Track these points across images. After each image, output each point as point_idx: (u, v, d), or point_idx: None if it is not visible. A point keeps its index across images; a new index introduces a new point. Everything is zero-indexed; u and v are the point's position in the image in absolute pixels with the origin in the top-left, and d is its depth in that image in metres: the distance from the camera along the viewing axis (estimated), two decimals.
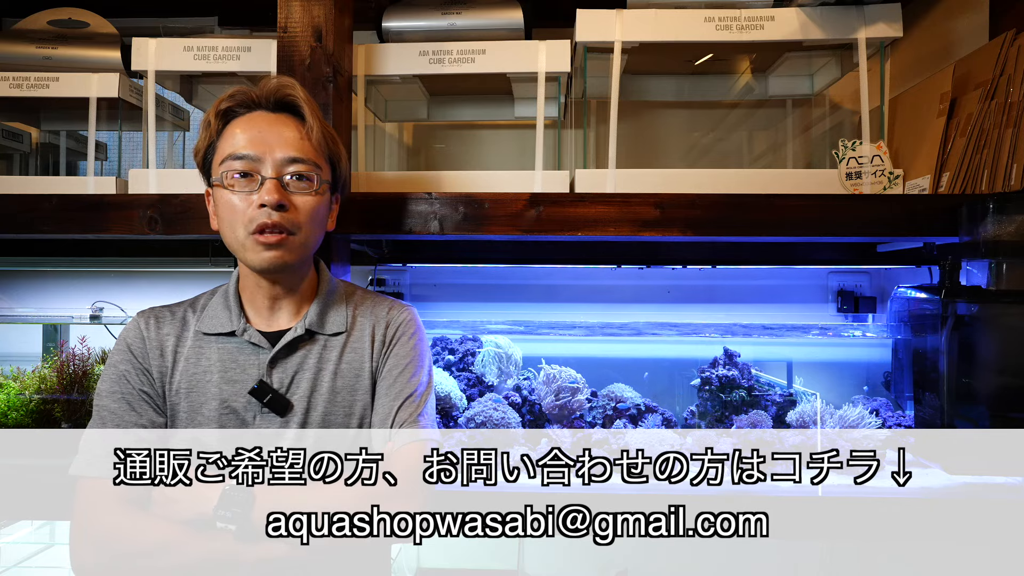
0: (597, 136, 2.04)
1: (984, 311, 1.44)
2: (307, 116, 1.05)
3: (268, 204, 1.00)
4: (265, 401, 1.03)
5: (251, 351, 1.06)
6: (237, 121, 1.04)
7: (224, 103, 1.05)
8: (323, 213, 1.08)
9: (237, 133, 1.03)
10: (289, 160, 1.03)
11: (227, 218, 1.03)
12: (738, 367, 1.73)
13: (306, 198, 1.04)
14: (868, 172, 1.53)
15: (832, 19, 1.56)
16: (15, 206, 1.52)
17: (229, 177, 1.02)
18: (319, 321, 1.09)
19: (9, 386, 1.65)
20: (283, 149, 1.02)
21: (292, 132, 1.04)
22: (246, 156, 1.01)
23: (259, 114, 1.05)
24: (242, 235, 1.02)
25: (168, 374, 1.06)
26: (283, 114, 1.06)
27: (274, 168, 1.02)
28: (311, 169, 1.04)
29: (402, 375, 1.08)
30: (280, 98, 1.06)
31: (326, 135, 1.08)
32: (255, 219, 1.01)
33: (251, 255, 1.03)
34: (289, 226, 1.02)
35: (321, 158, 1.06)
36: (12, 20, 2.05)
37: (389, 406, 1.06)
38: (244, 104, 1.05)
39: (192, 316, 1.10)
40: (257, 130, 1.03)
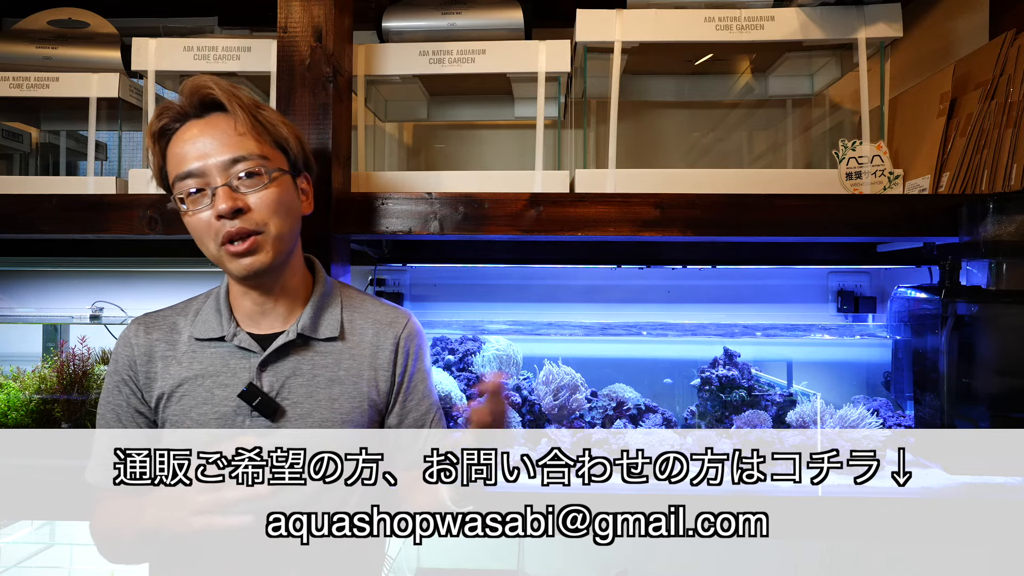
0: (597, 136, 2.04)
1: (984, 311, 1.44)
2: (231, 109, 1.00)
3: (224, 215, 0.97)
4: (254, 404, 1.02)
5: (241, 355, 1.05)
6: (174, 138, 1.02)
7: (155, 125, 1.02)
8: (287, 201, 1.03)
9: (176, 152, 1.00)
10: (230, 161, 0.99)
11: (198, 237, 1.02)
12: (738, 367, 1.73)
13: (261, 193, 1.00)
14: (868, 172, 1.53)
15: (832, 19, 1.56)
16: (15, 206, 1.52)
17: (185, 199, 1.00)
18: (312, 325, 1.07)
19: (9, 386, 1.65)
20: (221, 152, 0.99)
21: (226, 132, 1.00)
22: (190, 173, 0.98)
23: (190, 124, 1.01)
24: (214, 250, 1.01)
25: (156, 380, 1.05)
26: (212, 115, 1.02)
27: (220, 175, 0.98)
28: (257, 164, 1.00)
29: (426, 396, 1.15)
30: (201, 99, 1.01)
31: (263, 120, 1.03)
32: (219, 231, 0.99)
33: (228, 266, 1.02)
34: (252, 227, 0.99)
35: (265, 146, 1.02)
36: (12, 20, 2.06)
37: (421, 421, 1.14)
38: (174, 119, 1.02)
39: (183, 320, 1.09)
40: (192, 142, 0.99)
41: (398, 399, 1.12)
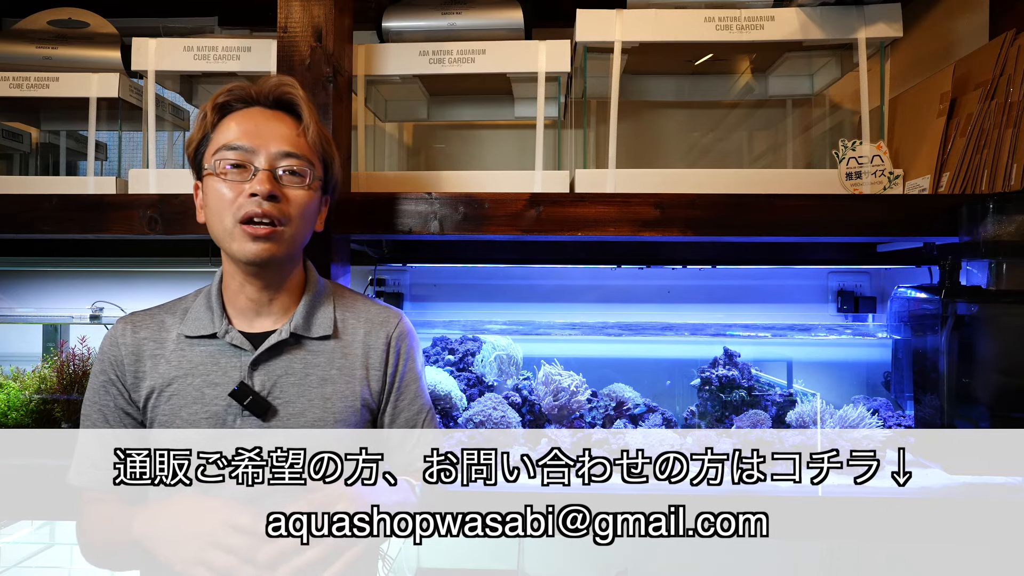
0: (597, 136, 2.04)
1: (984, 311, 1.44)
2: (304, 115, 1.05)
3: (260, 193, 0.99)
4: (245, 403, 1.01)
5: (233, 353, 1.05)
6: (233, 115, 1.04)
7: (222, 97, 1.04)
8: (313, 209, 1.08)
9: (232, 126, 1.03)
10: (283, 154, 1.02)
11: (215, 207, 1.02)
12: (738, 367, 1.73)
13: (298, 192, 1.04)
14: (868, 172, 1.53)
15: (832, 19, 1.56)
16: (15, 206, 1.52)
17: (221, 166, 1.01)
18: (305, 324, 1.07)
19: (9, 386, 1.66)
20: (278, 143, 1.02)
21: (288, 129, 1.04)
22: (240, 147, 1.01)
23: (256, 110, 1.05)
24: (230, 224, 1.00)
25: (145, 379, 1.05)
26: (280, 111, 1.06)
27: (267, 160, 1.01)
28: (304, 165, 1.04)
29: (418, 397, 1.15)
30: (279, 96, 1.06)
31: (321, 136, 1.08)
32: (244, 207, 0.99)
33: (237, 245, 1.01)
34: (279, 216, 1.01)
35: (315, 156, 1.06)
36: (12, 20, 2.06)
37: (412, 421, 1.14)
38: (242, 100, 1.05)
39: (171, 319, 1.09)
40: (253, 123, 1.03)
41: (390, 399, 1.12)
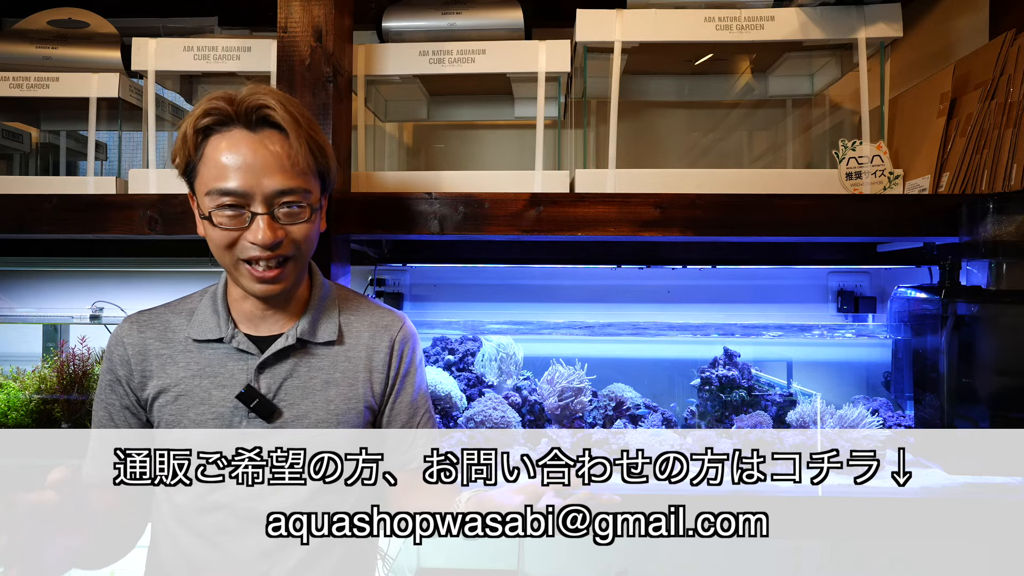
0: (597, 136, 2.04)
1: (984, 311, 1.44)
2: (292, 137, 0.97)
3: (260, 243, 0.96)
4: (252, 406, 1.02)
5: (239, 356, 1.05)
6: (219, 140, 0.97)
7: (199, 121, 0.96)
8: (316, 230, 1.04)
9: (220, 160, 0.96)
10: (278, 192, 0.96)
11: (216, 244, 0.99)
12: (738, 367, 1.73)
13: (300, 226, 1.00)
14: (868, 172, 1.53)
15: (832, 19, 1.56)
16: (15, 206, 1.52)
17: (218, 216, 0.97)
18: (311, 330, 1.07)
19: (9, 386, 1.65)
20: (271, 179, 0.96)
21: (278, 151, 0.97)
22: (233, 192, 0.95)
23: (239, 133, 0.97)
24: (230, 262, 0.99)
25: (152, 378, 1.05)
26: (266, 131, 0.98)
27: (264, 203, 0.96)
28: (302, 197, 0.99)
29: (418, 397, 1.15)
30: (258, 116, 0.97)
31: (313, 148, 1.00)
32: (247, 250, 0.97)
33: (244, 282, 1.00)
34: (284, 252, 0.99)
35: (311, 179, 1.01)
36: (12, 20, 2.05)
37: (411, 422, 1.14)
38: (221, 122, 0.97)
39: (177, 319, 1.08)
40: (240, 157, 0.95)
41: (390, 400, 1.13)
